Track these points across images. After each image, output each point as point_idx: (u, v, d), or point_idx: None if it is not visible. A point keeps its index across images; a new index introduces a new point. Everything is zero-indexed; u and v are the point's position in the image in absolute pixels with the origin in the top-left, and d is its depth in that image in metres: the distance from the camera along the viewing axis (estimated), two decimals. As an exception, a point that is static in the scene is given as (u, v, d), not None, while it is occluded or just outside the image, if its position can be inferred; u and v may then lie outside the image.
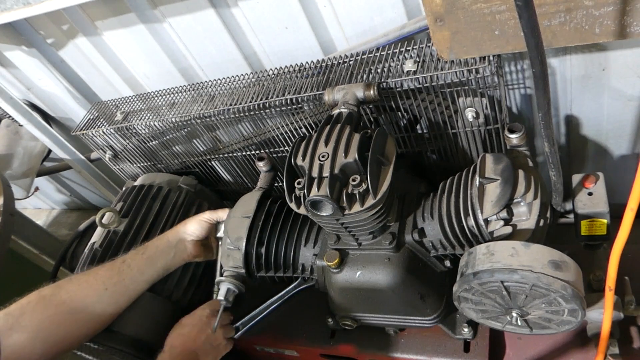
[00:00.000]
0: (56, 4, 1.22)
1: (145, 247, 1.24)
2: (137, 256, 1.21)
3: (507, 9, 0.89)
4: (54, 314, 1.07)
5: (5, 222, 1.64)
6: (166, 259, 1.24)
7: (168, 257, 1.24)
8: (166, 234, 1.28)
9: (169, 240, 1.26)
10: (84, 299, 1.11)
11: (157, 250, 1.24)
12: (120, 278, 1.16)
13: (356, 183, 0.91)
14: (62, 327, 1.08)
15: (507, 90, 1.30)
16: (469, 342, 1.18)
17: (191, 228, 1.28)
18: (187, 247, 1.27)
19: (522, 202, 0.94)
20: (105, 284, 1.14)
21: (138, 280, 1.19)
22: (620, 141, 1.37)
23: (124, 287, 1.17)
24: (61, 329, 1.07)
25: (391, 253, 1.04)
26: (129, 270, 1.18)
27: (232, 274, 1.22)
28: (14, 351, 1.00)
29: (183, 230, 1.28)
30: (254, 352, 1.47)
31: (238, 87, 1.37)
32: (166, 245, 1.25)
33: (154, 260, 1.22)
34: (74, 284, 1.13)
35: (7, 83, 1.95)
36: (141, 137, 1.55)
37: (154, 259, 1.22)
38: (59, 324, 1.07)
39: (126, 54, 1.63)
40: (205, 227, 1.29)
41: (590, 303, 0.98)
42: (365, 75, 1.16)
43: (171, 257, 1.25)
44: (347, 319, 1.19)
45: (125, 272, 1.17)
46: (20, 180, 2.16)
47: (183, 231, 1.28)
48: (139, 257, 1.21)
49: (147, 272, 1.21)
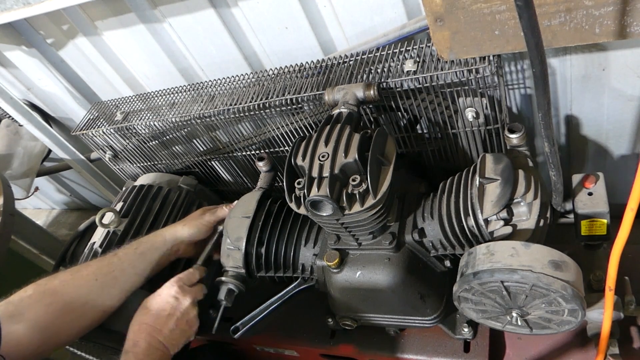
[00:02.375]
0: (56, 4, 1.22)
1: (140, 242, 1.25)
2: (130, 250, 1.22)
3: (507, 9, 0.89)
4: (50, 303, 1.07)
5: (5, 222, 1.64)
6: (159, 257, 1.24)
7: (161, 255, 1.25)
8: (163, 232, 1.28)
9: (165, 239, 1.27)
10: (77, 289, 1.12)
11: (152, 247, 1.24)
12: (110, 269, 1.17)
13: (356, 183, 0.91)
14: (58, 318, 1.08)
15: (507, 90, 1.30)
16: (469, 342, 1.18)
17: (190, 232, 1.28)
18: (180, 248, 1.29)
19: (522, 202, 0.94)
20: (95, 275, 1.15)
21: (129, 273, 1.19)
22: (620, 141, 1.37)
23: (113, 278, 1.16)
24: (58, 320, 1.08)
25: (391, 253, 1.04)
26: (119, 263, 1.18)
27: (232, 274, 1.22)
28: (13, 339, 1.01)
29: (181, 232, 1.28)
30: (254, 352, 1.47)
31: (238, 87, 1.37)
32: (161, 243, 1.25)
33: (146, 255, 1.22)
34: (67, 274, 1.15)
35: (7, 83, 1.95)
36: (141, 137, 1.55)
37: (146, 255, 1.22)
38: (56, 314, 1.07)
39: (126, 54, 1.63)
40: (204, 230, 1.30)
41: (590, 303, 0.98)
42: (365, 75, 1.16)
43: (165, 255, 1.25)
44: (347, 319, 1.19)
45: (115, 264, 1.18)
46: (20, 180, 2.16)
47: (181, 233, 1.28)
48: (131, 252, 1.22)
49: (139, 266, 1.21)
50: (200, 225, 1.29)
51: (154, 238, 1.26)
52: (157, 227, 1.42)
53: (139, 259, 1.21)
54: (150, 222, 1.43)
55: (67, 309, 1.09)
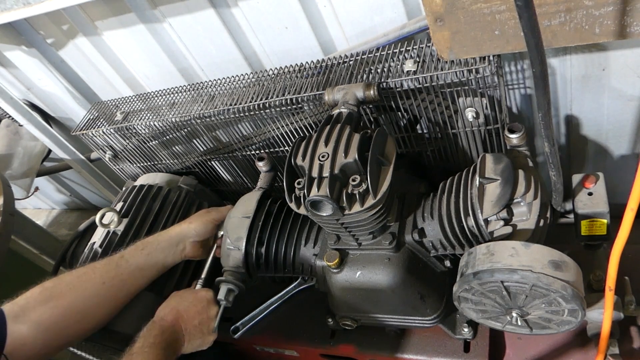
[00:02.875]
0: (56, 4, 1.22)
1: (146, 242, 1.24)
2: (137, 252, 1.21)
3: (507, 9, 0.89)
4: (54, 306, 1.07)
5: (5, 222, 1.63)
6: (165, 257, 1.24)
7: (167, 255, 1.24)
8: (169, 231, 1.28)
9: (171, 237, 1.26)
10: (83, 292, 1.12)
11: (158, 247, 1.23)
12: (118, 272, 1.16)
13: (356, 183, 0.91)
14: (63, 321, 1.08)
15: (507, 90, 1.30)
16: (469, 342, 1.18)
17: (196, 229, 1.27)
18: (186, 247, 1.27)
19: (522, 202, 0.94)
20: (103, 278, 1.14)
21: (136, 275, 1.19)
22: (620, 141, 1.37)
23: (121, 282, 1.16)
24: (62, 322, 1.08)
25: (391, 253, 1.04)
26: (127, 266, 1.18)
27: (232, 274, 1.22)
28: (18, 340, 1.01)
29: (187, 229, 1.27)
30: (254, 352, 1.47)
31: (238, 87, 1.37)
32: (167, 243, 1.25)
33: (153, 257, 1.22)
34: (73, 276, 1.14)
35: (7, 83, 1.95)
36: (141, 137, 1.55)
37: (153, 256, 1.22)
38: (61, 317, 1.07)
39: (126, 54, 1.63)
40: (210, 228, 1.29)
41: (590, 303, 0.98)
42: (365, 75, 1.16)
43: (171, 255, 1.25)
44: (347, 319, 1.19)
45: (123, 267, 1.17)
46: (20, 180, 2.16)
47: (187, 231, 1.27)
48: (139, 253, 1.21)
49: (146, 268, 1.21)
50: (207, 222, 1.28)
51: (160, 238, 1.25)
52: (157, 227, 1.43)
53: (146, 260, 1.21)
54: (150, 222, 1.43)
55: (72, 311, 1.09)
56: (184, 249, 1.27)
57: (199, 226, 1.28)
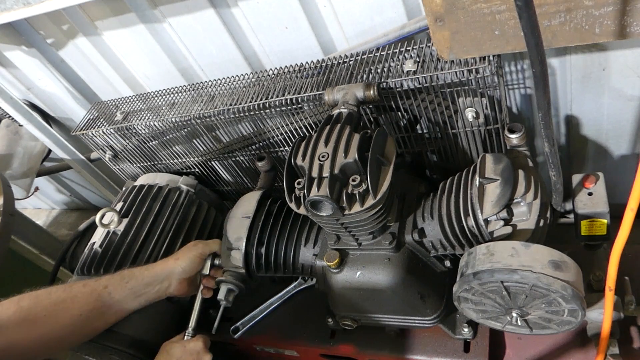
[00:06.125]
0: (56, 4, 1.22)
1: (132, 274, 1.20)
2: (122, 284, 1.18)
3: (507, 9, 0.89)
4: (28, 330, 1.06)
5: (5, 222, 1.63)
6: (148, 293, 1.21)
7: (151, 292, 1.21)
8: (155, 266, 1.24)
9: (156, 273, 1.22)
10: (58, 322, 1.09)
11: (143, 282, 1.20)
12: (97, 305, 1.14)
13: (356, 183, 0.91)
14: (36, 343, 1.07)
15: (507, 90, 1.30)
16: (469, 342, 1.18)
17: (183, 265, 1.23)
18: (172, 284, 1.23)
19: (522, 202, 0.94)
20: (80, 310, 1.12)
21: (116, 309, 1.17)
22: (620, 141, 1.37)
23: (100, 314, 1.15)
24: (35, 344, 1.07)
25: (391, 253, 1.04)
26: (109, 299, 1.16)
27: (232, 274, 1.22)
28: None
29: (174, 266, 1.23)
30: (254, 352, 1.47)
31: (238, 87, 1.37)
32: (153, 279, 1.21)
33: (136, 291, 1.19)
34: (51, 300, 1.11)
35: (7, 83, 1.95)
36: (141, 137, 1.55)
37: (136, 291, 1.19)
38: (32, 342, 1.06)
39: (126, 54, 1.63)
40: (197, 263, 1.25)
41: (590, 303, 0.98)
42: (365, 75, 1.16)
43: (154, 292, 1.21)
44: (347, 319, 1.19)
45: (104, 300, 1.15)
46: (20, 180, 2.16)
47: (173, 267, 1.23)
48: (123, 286, 1.18)
49: (128, 302, 1.18)
50: (194, 258, 1.25)
51: (146, 272, 1.21)
52: (157, 227, 1.43)
53: (129, 294, 1.18)
54: (150, 222, 1.43)
55: (45, 339, 1.08)
56: (169, 286, 1.23)
57: (186, 262, 1.24)
